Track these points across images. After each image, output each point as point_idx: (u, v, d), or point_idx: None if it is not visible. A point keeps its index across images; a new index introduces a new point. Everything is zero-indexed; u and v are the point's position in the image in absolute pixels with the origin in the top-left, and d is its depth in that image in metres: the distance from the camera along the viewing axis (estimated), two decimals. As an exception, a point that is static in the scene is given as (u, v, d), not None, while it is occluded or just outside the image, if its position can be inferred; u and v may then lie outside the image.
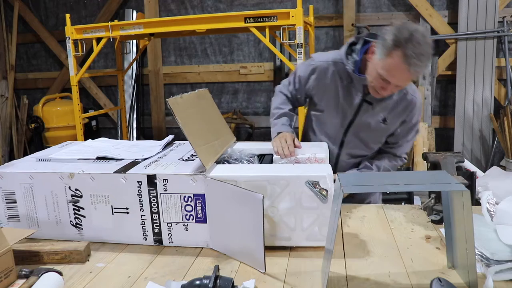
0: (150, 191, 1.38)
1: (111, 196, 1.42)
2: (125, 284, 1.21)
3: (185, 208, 1.38)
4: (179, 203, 1.38)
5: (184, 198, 1.37)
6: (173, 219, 1.40)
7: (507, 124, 3.90)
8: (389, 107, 1.79)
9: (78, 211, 1.45)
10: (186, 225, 1.40)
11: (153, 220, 1.41)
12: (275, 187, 1.33)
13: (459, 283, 1.14)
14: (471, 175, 1.68)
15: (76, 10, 5.24)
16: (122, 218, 1.43)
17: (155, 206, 1.40)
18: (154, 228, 1.42)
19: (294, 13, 3.18)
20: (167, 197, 1.38)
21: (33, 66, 5.65)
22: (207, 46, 5.04)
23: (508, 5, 4.23)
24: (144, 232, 1.43)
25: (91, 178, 1.41)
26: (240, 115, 4.96)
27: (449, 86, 4.50)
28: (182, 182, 1.36)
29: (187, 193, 1.37)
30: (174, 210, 1.39)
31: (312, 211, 1.33)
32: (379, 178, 1.14)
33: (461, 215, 1.11)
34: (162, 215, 1.40)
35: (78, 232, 1.47)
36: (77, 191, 1.43)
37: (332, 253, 1.11)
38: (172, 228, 1.41)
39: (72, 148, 1.76)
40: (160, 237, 1.42)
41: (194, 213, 1.38)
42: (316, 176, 1.31)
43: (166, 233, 1.42)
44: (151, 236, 1.43)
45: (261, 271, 1.25)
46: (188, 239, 1.41)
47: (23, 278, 1.19)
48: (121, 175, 1.40)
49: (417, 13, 4.35)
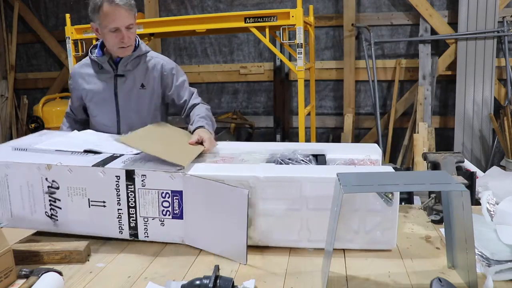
0: (128, 186, 1.40)
1: (88, 189, 1.42)
2: (125, 284, 1.21)
3: (162, 204, 1.40)
4: (157, 199, 1.39)
5: (162, 194, 1.39)
6: (149, 214, 1.41)
7: (507, 124, 3.89)
8: (142, 74, 2.01)
9: (54, 203, 1.45)
10: (162, 220, 1.41)
11: (130, 215, 1.42)
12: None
13: (459, 283, 1.14)
14: (471, 175, 1.68)
15: (76, 10, 5.24)
16: (98, 211, 1.43)
17: (132, 201, 1.41)
18: (130, 222, 1.43)
19: (294, 13, 3.18)
20: (145, 192, 1.39)
21: (33, 66, 5.64)
22: (207, 46, 5.04)
23: (508, 5, 4.22)
24: (120, 226, 1.44)
25: (69, 170, 1.42)
26: (240, 115, 4.95)
27: (449, 86, 4.49)
28: (160, 178, 1.38)
29: (165, 189, 1.38)
30: (151, 205, 1.40)
31: (377, 214, 1.33)
32: (379, 178, 1.14)
33: (461, 215, 1.11)
34: (139, 210, 1.41)
35: (53, 223, 1.47)
36: (54, 182, 1.44)
37: (331, 255, 1.11)
38: (149, 223, 1.42)
39: (54, 139, 1.74)
40: (136, 231, 1.43)
41: (171, 209, 1.40)
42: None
43: (142, 228, 1.43)
44: (127, 230, 1.44)
45: (242, 263, 1.29)
46: (164, 234, 1.43)
47: (23, 278, 1.19)
48: (99, 168, 1.41)
49: (417, 13, 4.35)
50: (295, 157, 1.59)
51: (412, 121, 4.41)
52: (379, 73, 4.54)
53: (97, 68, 2.03)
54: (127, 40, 1.89)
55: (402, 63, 4.54)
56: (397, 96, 4.56)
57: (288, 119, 4.86)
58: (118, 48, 1.92)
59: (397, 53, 4.58)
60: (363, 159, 1.60)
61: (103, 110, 2.05)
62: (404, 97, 4.57)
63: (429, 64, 4.36)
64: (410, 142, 4.31)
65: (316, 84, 4.32)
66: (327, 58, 4.75)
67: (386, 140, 4.50)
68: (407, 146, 4.39)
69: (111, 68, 2.00)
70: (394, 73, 4.56)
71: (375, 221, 1.34)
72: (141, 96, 2.03)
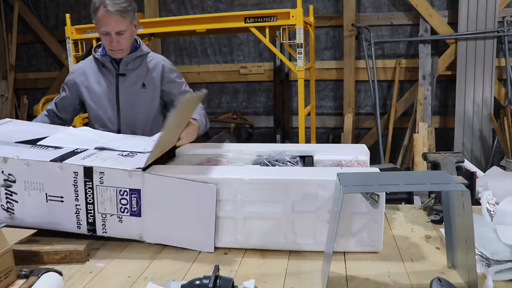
0: (86, 183, 1.40)
1: (46, 183, 1.42)
2: (125, 284, 1.21)
3: (120, 202, 1.40)
4: (115, 196, 1.40)
5: (120, 192, 1.39)
6: (107, 211, 1.41)
7: (507, 124, 3.89)
8: (143, 74, 2.07)
9: (10, 196, 1.44)
10: (120, 217, 1.41)
11: (88, 210, 1.42)
12: (324, 191, 1.32)
13: (459, 283, 1.14)
14: (471, 175, 1.68)
15: (76, 10, 5.24)
16: (56, 206, 1.43)
17: (90, 197, 1.41)
18: (88, 218, 1.43)
19: (294, 13, 3.18)
20: (103, 189, 1.39)
21: (33, 66, 5.64)
22: (207, 46, 5.04)
23: (508, 5, 4.22)
24: (78, 221, 1.44)
25: (26, 164, 1.41)
26: (240, 115, 4.95)
27: (449, 86, 4.49)
28: (118, 176, 1.38)
29: (123, 187, 1.39)
30: (109, 202, 1.40)
31: (363, 216, 1.32)
32: (379, 178, 1.14)
33: (461, 215, 1.11)
34: (97, 206, 1.41)
35: (9, 216, 1.47)
36: (11, 175, 1.43)
37: (331, 257, 1.11)
38: (107, 219, 1.42)
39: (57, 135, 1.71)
40: (94, 227, 1.43)
41: (129, 207, 1.40)
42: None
43: (100, 224, 1.43)
44: (85, 225, 1.44)
45: (210, 251, 1.37)
46: (122, 230, 1.43)
47: (23, 278, 1.19)
48: (57, 164, 1.40)
49: (417, 13, 4.35)
50: (282, 159, 1.59)
51: (412, 121, 4.41)
52: (379, 73, 4.55)
53: (100, 67, 2.07)
54: (115, 45, 1.94)
55: (402, 63, 4.54)
56: (397, 96, 4.56)
57: (288, 119, 4.87)
58: (109, 50, 1.99)
59: (397, 53, 4.58)
60: (351, 160, 1.60)
61: (104, 108, 2.07)
62: (404, 97, 4.57)
63: (429, 64, 4.36)
64: (410, 142, 4.31)
65: (316, 84, 4.32)
66: (327, 58, 4.76)
67: (386, 140, 4.50)
68: (407, 146, 4.39)
69: (113, 67, 2.05)
70: (394, 73, 4.56)
71: (361, 223, 1.33)
72: (142, 95, 2.07)
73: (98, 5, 1.89)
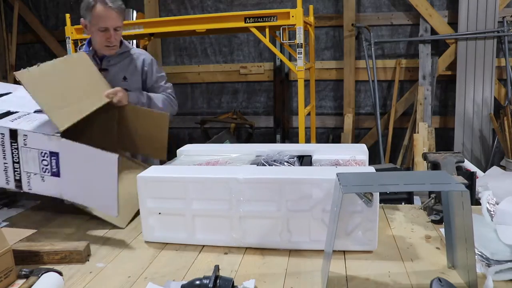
0: (12, 143, 1.53)
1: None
2: (125, 284, 1.21)
3: (42, 162, 1.53)
4: (37, 157, 1.53)
5: (41, 154, 1.52)
6: (31, 170, 1.54)
7: (507, 124, 3.89)
8: (125, 68, 2.18)
9: None
10: (43, 177, 1.54)
11: (15, 169, 1.56)
12: (318, 190, 1.32)
13: (459, 283, 1.14)
14: (471, 175, 1.68)
15: (76, 10, 5.21)
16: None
17: (16, 157, 1.54)
18: (15, 176, 1.56)
19: (294, 13, 3.18)
20: (27, 150, 1.53)
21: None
22: (207, 46, 5.04)
23: (508, 5, 4.22)
24: (7, 178, 1.57)
25: None
26: (240, 115, 4.95)
27: (449, 86, 4.49)
28: (39, 139, 1.51)
29: (44, 149, 1.51)
30: (33, 162, 1.53)
31: (357, 215, 1.33)
32: (379, 178, 1.14)
33: (461, 215, 1.11)
34: (22, 165, 1.55)
35: None
36: None
37: (331, 256, 1.11)
38: (31, 177, 1.55)
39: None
40: (20, 184, 1.57)
41: (49, 167, 1.53)
42: None
43: (26, 181, 1.56)
44: (13, 182, 1.57)
45: (113, 215, 1.48)
46: (45, 188, 1.56)
47: (23, 278, 1.19)
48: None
49: (417, 13, 4.35)
50: (280, 159, 1.59)
51: (412, 121, 4.41)
52: (379, 73, 4.55)
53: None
54: (113, 40, 2.06)
55: (402, 63, 4.54)
56: (397, 96, 4.56)
57: (288, 119, 4.87)
58: (104, 46, 2.09)
59: (397, 53, 4.58)
60: (348, 159, 1.61)
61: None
62: (404, 97, 4.57)
63: (429, 64, 4.36)
64: (410, 142, 4.31)
65: (316, 84, 4.32)
66: (327, 58, 4.76)
67: (386, 140, 4.50)
68: (407, 146, 4.39)
69: (96, 62, 2.12)
70: (394, 73, 4.56)
71: (355, 222, 1.33)
72: (123, 88, 2.11)
73: (94, 3, 1.99)
